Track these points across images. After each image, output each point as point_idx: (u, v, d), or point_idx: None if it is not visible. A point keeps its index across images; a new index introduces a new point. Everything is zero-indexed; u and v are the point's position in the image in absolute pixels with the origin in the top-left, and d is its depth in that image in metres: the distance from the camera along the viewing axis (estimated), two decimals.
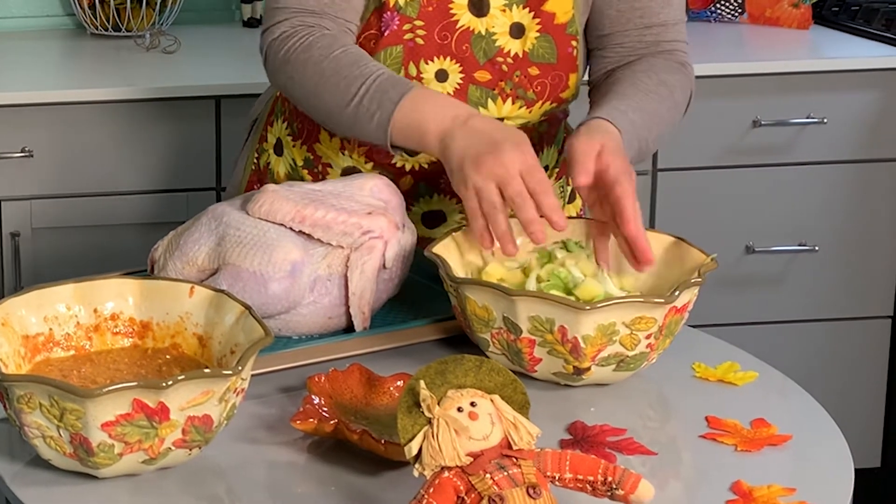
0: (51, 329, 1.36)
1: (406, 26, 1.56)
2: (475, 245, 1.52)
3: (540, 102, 1.61)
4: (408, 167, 1.64)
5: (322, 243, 1.50)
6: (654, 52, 1.65)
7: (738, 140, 2.63)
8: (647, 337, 1.38)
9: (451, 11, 1.57)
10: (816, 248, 2.67)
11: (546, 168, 1.71)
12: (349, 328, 1.52)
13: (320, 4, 1.58)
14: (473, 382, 1.14)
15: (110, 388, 1.18)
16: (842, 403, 2.65)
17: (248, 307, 1.33)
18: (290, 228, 1.50)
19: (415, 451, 1.12)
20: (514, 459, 1.12)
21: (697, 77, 2.57)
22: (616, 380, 1.42)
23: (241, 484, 1.26)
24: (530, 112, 1.62)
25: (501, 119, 1.62)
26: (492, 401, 1.14)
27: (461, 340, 1.49)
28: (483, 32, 1.57)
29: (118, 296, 1.38)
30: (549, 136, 1.69)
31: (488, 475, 1.10)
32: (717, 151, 2.63)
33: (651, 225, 2.62)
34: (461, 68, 1.58)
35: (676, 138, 2.62)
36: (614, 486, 1.14)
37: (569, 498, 1.17)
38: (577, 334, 1.36)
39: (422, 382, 1.13)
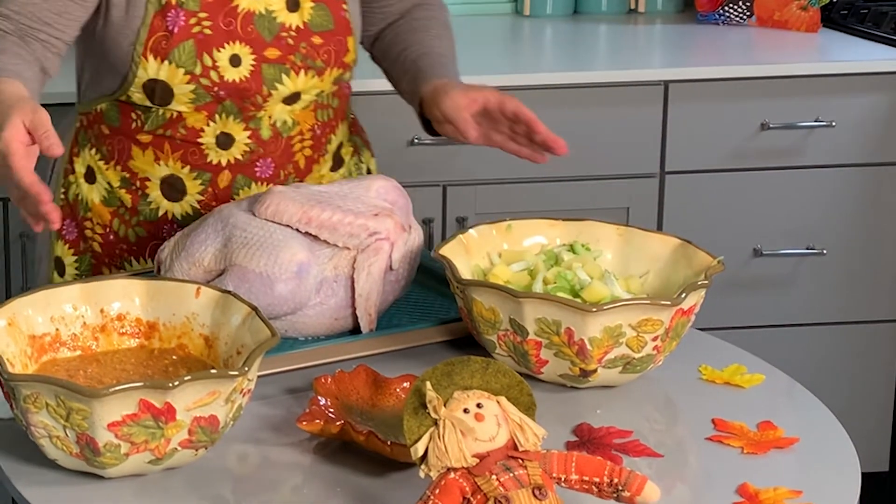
0: (57, 329, 1.36)
1: (192, 20, 1.62)
2: (483, 247, 1.52)
3: (329, 70, 1.68)
4: (224, 162, 1.68)
5: (328, 245, 1.50)
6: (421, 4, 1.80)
7: (747, 143, 2.63)
8: (654, 339, 1.38)
9: None
10: (824, 251, 2.67)
11: (340, 144, 1.77)
12: (355, 330, 1.52)
13: (19, 14, 1.60)
14: (480, 384, 1.14)
15: (117, 388, 1.18)
16: (849, 407, 2.64)
17: (254, 308, 1.33)
18: (297, 230, 1.50)
19: (421, 452, 1.12)
20: (520, 461, 1.11)
21: (706, 80, 2.60)
22: (622, 382, 1.42)
23: (246, 484, 1.26)
24: (322, 80, 1.68)
25: (298, 93, 1.67)
26: (498, 402, 1.14)
27: (467, 342, 1.49)
28: (263, 12, 1.64)
29: (124, 296, 1.38)
30: (341, 111, 1.76)
31: (494, 476, 1.10)
32: (725, 154, 2.62)
33: (658, 227, 2.61)
34: (251, 50, 1.64)
35: (684, 141, 2.63)
36: (620, 488, 1.13)
37: (575, 499, 1.17)
38: (583, 336, 1.35)
39: (428, 384, 1.13)
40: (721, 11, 2.89)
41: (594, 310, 1.34)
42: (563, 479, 1.14)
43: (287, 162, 1.70)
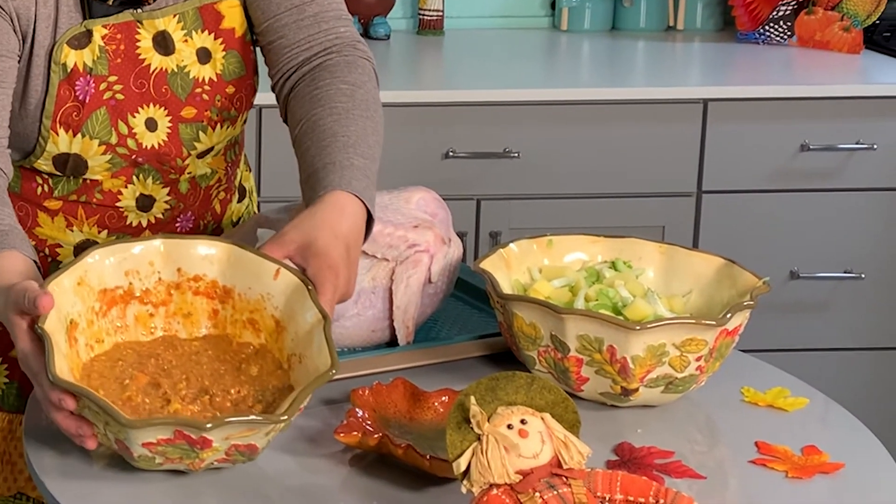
0: (131, 283, 1.33)
1: (102, 86, 1.51)
2: (523, 262, 1.50)
3: (243, 115, 1.60)
4: (144, 223, 1.59)
5: (367, 255, 1.49)
6: (335, 51, 1.55)
7: (786, 164, 2.60)
8: (698, 359, 1.36)
9: (140, 57, 1.53)
10: (862, 275, 2.64)
11: (241, 174, 1.70)
12: (392, 342, 1.50)
13: None
14: (524, 400, 1.13)
15: (152, 422, 1.18)
16: (890, 433, 2.60)
17: (326, 317, 1.29)
18: None
19: (463, 467, 1.10)
20: (564, 479, 1.10)
21: (746, 99, 2.58)
22: (664, 402, 1.40)
23: (282, 495, 1.24)
24: (235, 128, 1.60)
25: (213, 146, 1.58)
26: (542, 419, 1.12)
27: (506, 357, 1.47)
28: (175, 69, 1.54)
29: (204, 258, 1.35)
30: (241, 142, 1.67)
31: (538, 494, 1.08)
32: (763, 175, 2.60)
33: (694, 247, 2.59)
34: (167, 111, 1.54)
35: (722, 160, 2.61)
36: None
37: None
38: (626, 354, 1.34)
39: (472, 398, 1.11)
40: (761, 31, 2.87)
41: (637, 328, 1.32)
42: (607, 498, 1.12)
43: (206, 211, 1.63)
